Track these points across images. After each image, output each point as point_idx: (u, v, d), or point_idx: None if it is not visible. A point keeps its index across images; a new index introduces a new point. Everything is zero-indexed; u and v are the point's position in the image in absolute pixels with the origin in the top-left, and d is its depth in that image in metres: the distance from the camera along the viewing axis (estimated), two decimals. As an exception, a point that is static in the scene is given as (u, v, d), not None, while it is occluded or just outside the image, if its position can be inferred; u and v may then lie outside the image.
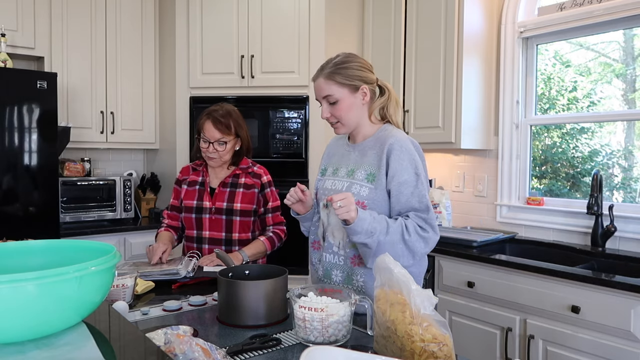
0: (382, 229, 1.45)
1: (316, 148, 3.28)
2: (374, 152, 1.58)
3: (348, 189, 1.58)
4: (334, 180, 1.67)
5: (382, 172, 1.54)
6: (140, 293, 1.67)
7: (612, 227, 2.43)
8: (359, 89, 1.58)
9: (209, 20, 3.35)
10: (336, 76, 1.56)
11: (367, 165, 1.58)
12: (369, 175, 1.56)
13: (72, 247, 1.06)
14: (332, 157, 1.76)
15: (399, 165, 1.52)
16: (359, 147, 1.64)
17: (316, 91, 1.61)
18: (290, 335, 1.30)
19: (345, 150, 1.70)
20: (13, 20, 3.12)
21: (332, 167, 1.72)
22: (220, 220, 2.08)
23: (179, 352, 1.00)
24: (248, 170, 2.14)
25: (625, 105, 2.63)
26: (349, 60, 1.59)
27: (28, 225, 2.92)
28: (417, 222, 1.49)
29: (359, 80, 1.57)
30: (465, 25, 2.82)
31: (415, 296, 1.03)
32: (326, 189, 1.67)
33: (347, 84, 1.56)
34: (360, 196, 1.55)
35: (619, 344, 1.87)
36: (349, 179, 1.60)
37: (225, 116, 2.06)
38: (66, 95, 3.34)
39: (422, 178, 1.53)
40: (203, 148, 2.08)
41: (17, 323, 0.80)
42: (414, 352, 1.01)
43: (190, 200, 2.12)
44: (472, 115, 2.90)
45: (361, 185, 1.56)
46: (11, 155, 2.89)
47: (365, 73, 1.59)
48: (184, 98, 3.43)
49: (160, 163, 3.83)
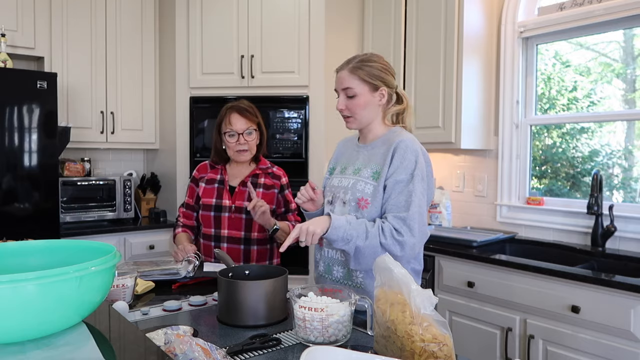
0: (359, 234, 1.47)
1: (316, 148, 3.28)
2: (381, 152, 1.60)
3: (353, 186, 1.61)
4: (340, 177, 1.69)
5: (385, 170, 1.56)
6: (140, 293, 1.67)
7: (612, 227, 2.43)
8: (378, 89, 1.61)
9: (209, 20, 3.36)
10: (360, 71, 1.59)
11: (374, 164, 1.60)
12: (374, 173, 1.58)
13: (72, 247, 1.06)
14: (341, 156, 1.79)
15: (399, 164, 1.53)
16: (368, 147, 1.67)
17: (337, 82, 1.64)
18: (290, 335, 1.30)
19: (354, 150, 1.73)
20: (13, 20, 3.12)
21: (341, 166, 1.74)
22: (240, 219, 2.07)
23: (179, 352, 1.00)
24: (267, 171, 2.15)
25: (625, 105, 2.63)
26: (375, 60, 1.63)
27: (28, 225, 2.92)
28: (394, 224, 1.49)
29: (380, 81, 1.60)
30: (465, 25, 2.82)
31: (415, 296, 1.03)
32: (333, 186, 1.70)
33: (369, 81, 1.59)
34: (365, 193, 1.57)
35: (619, 344, 1.87)
36: (355, 176, 1.63)
37: (249, 106, 2.12)
38: (66, 95, 3.34)
39: (417, 180, 1.52)
40: (231, 143, 2.07)
41: (17, 323, 0.80)
42: (414, 352, 1.01)
43: (209, 198, 2.11)
44: (472, 115, 2.90)
45: (366, 182, 1.58)
46: (11, 155, 2.89)
47: (387, 76, 1.62)
48: (184, 98, 3.43)
49: (160, 163, 3.83)
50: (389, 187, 1.53)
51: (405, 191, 1.52)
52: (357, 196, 1.58)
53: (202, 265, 1.96)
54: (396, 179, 1.53)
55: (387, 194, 1.54)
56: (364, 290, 1.57)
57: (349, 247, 1.48)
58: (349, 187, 1.62)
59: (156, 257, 3.35)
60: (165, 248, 3.50)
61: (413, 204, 1.50)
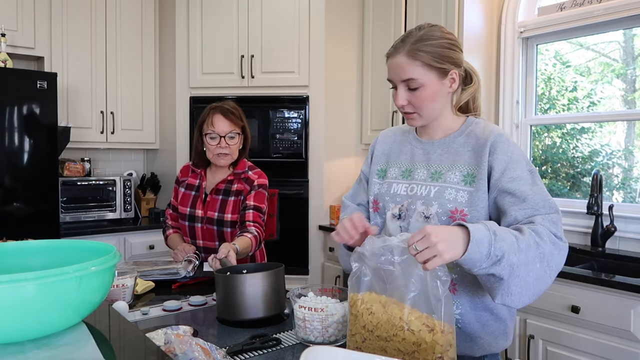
0: (510, 245, 1.04)
1: (316, 148, 3.28)
2: (468, 149, 1.26)
3: (439, 194, 1.24)
4: (409, 184, 1.32)
5: (484, 172, 1.20)
6: (140, 293, 1.67)
7: (612, 227, 2.42)
8: (448, 74, 1.24)
9: (209, 20, 3.36)
10: (422, 55, 1.21)
11: (462, 165, 1.25)
12: (466, 177, 1.23)
13: (72, 247, 1.06)
14: (392, 155, 1.42)
15: (508, 159, 1.19)
16: (442, 144, 1.31)
17: (393, 71, 1.27)
18: (290, 335, 1.30)
19: (415, 147, 1.37)
20: (13, 20, 3.12)
21: (398, 168, 1.37)
22: (212, 231, 2.02)
23: (179, 352, 1.00)
24: (242, 176, 2.04)
25: (625, 105, 2.63)
26: (437, 35, 1.24)
27: (28, 225, 2.92)
28: (549, 227, 1.11)
29: (450, 63, 1.24)
30: (465, 25, 2.81)
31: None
32: (398, 195, 1.32)
33: (436, 66, 1.22)
34: (458, 203, 1.21)
35: (619, 344, 1.87)
36: (438, 182, 1.27)
37: (233, 107, 2.01)
38: (66, 95, 3.34)
39: (537, 177, 1.20)
40: (212, 146, 1.97)
41: (17, 323, 0.80)
42: (407, 342, 1.01)
43: (184, 207, 2.07)
44: (472, 115, 2.90)
45: (457, 189, 1.23)
46: (11, 155, 2.89)
47: (457, 53, 1.26)
48: (184, 98, 3.43)
49: (160, 163, 3.83)
50: (507, 188, 1.17)
51: (535, 188, 1.16)
52: (449, 207, 1.22)
53: (202, 265, 1.96)
54: (512, 176, 1.17)
55: (505, 198, 1.17)
56: (462, 330, 1.21)
57: (501, 268, 1.04)
58: (431, 196, 1.25)
59: (156, 257, 3.35)
60: (165, 248, 3.49)
61: (554, 204, 1.16)
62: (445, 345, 1.01)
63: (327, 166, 3.32)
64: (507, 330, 1.27)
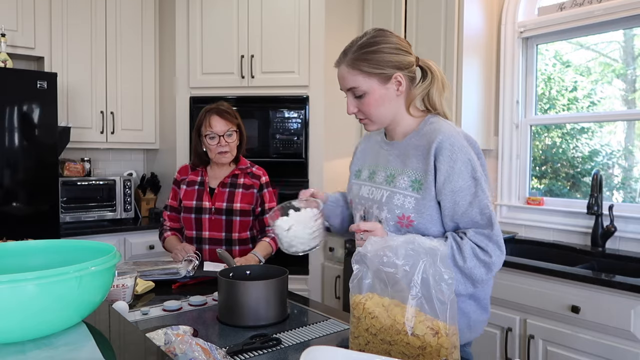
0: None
1: (316, 148, 3.28)
2: (418, 153, 1.28)
3: (389, 200, 1.29)
4: (371, 186, 1.38)
5: (430, 178, 1.24)
6: (140, 293, 1.67)
7: (612, 227, 2.42)
8: (391, 78, 1.27)
9: (209, 20, 3.36)
10: (362, 64, 1.25)
11: (411, 170, 1.28)
12: (414, 182, 1.26)
13: (72, 247, 1.06)
14: (367, 155, 1.46)
15: (450, 169, 1.22)
16: (399, 147, 1.34)
17: (339, 81, 1.32)
18: (290, 335, 1.30)
19: (381, 148, 1.40)
20: (13, 20, 3.12)
21: (368, 169, 1.42)
22: (220, 221, 2.08)
23: (179, 352, 1.00)
24: (247, 171, 2.15)
25: (625, 105, 2.63)
26: (379, 40, 1.27)
27: (28, 225, 2.92)
28: (477, 241, 1.20)
29: (392, 67, 1.26)
30: (465, 25, 2.81)
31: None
32: (363, 197, 1.39)
33: (376, 72, 1.25)
34: (405, 209, 1.25)
35: (619, 344, 1.87)
36: (389, 186, 1.31)
37: (228, 107, 2.13)
38: (66, 95, 3.34)
39: (482, 183, 1.23)
40: (212, 145, 2.07)
41: (17, 323, 0.80)
42: (410, 345, 1.01)
43: (189, 201, 2.12)
44: (472, 115, 2.90)
45: (405, 195, 1.26)
46: (11, 155, 2.88)
47: (399, 56, 1.27)
48: (184, 98, 3.43)
49: (160, 163, 3.83)
50: (449, 201, 1.23)
51: (475, 201, 1.22)
52: (396, 213, 1.26)
53: (202, 265, 1.96)
54: (453, 188, 1.21)
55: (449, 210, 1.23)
56: None
57: None
58: (383, 201, 1.30)
59: (156, 257, 3.34)
60: (165, 248, 3.50)
61: (492, 216, 1.22)
62: (450, 348, 1.00)
63: (327, 166, 3.32)
64: (470, 324, 1.32)
